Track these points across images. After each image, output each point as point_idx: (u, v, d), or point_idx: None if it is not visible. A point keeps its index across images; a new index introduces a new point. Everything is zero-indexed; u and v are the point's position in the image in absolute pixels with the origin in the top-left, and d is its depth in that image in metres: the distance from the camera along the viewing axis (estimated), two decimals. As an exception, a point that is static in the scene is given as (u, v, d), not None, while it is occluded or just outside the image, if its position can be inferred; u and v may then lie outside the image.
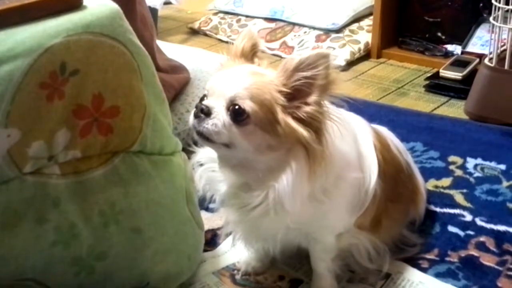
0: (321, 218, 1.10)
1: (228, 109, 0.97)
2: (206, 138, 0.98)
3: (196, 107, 0.98)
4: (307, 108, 0.97)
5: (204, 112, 0.97)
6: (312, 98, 0.97)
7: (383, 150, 1.21)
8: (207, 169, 1.09)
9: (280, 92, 0.98)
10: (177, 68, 1.92)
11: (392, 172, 1.22)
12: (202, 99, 1.02)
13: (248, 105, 0.96)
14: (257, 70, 1.03)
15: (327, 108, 0.99)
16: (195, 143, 1.10)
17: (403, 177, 1.28)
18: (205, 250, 1.30)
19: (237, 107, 0.96)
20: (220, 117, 0.97)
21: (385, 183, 1.17)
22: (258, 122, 0.97)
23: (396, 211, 1.26)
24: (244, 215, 1.05)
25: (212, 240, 1.37)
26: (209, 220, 1.38)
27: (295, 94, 0.98)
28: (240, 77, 0.99)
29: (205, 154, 1.10)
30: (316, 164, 0.99)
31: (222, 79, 1.01)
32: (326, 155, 0.99)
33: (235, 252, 1.32)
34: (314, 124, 0.98)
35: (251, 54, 1.07)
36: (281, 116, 0.97)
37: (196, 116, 0.98)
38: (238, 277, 1.28)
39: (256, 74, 1.01)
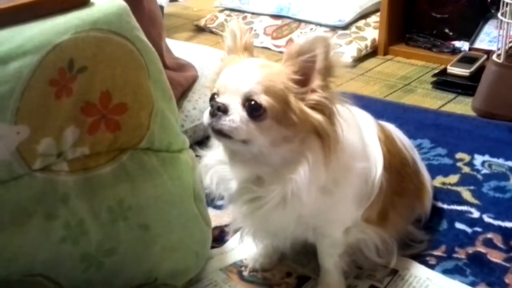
0: (330, 211, 1.10)
1: (243, 105, 0.97)
2: (224, 135, 0.98)
3: (212, 105, 0.97)
4: (315, 96, 0.98)
5: (221, 110, 0.96)
6: (316, 83, 0.98)
7: (388, 143, 1.21)
8: (216, 171, 1.09)
9: (291, 79, 0.98)
10: (184, 66, 1.93)
11: (397, 165, 1.23)
12: (212, 97, 1.01)
13: (264, 99, 0.96)
14: (264, 63, 1.03)
15: (333, 92, 0.99)
16: (202, 142, 1.10)
17: (409, 171, 1.29)
18: (212, 247, 1.30)
19: (253, 102, 0.96)
20: (237, 114, 0.96)
21: (390, 176, 1.17)
22: (274, 115, 0.97)
23: (402, 205, 1.26)
24: (254, 209, 1.05)
25: (219, 237, 1.38)
26: (216, 217, 1.38)
27: (304, 80, 0.98)
28: (251, 72, 0.99)
29: (213, 157, 1.10)
30: (331, 151, 0.99)
31: (232, 75, 1.00)
32: (340, 140, 1.00)
33: (242, 249, 1.32)
34: (325, 110, 0.98)
35: (252, 47, 1.07)
36: (295, 104, 0.97)
37: (212, 114, 0.97)
38: (245, 273, 1.28)
39: (265, 66, 1.01)
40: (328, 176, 1.02)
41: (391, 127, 1.35)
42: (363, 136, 1.13)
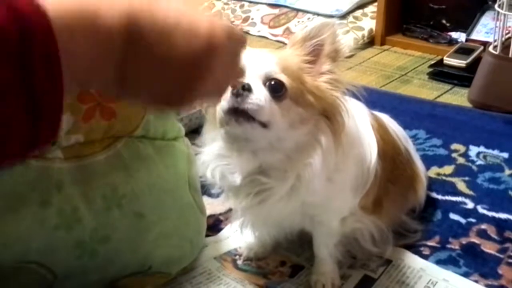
0: (330, 199, 1.10)
1: (265, 85, 0.95)
2: (248, 118, 0.93)
3: (233, 86, 0.92)
4: (323, 78, 0.99)
5: (245, 89, 0.92)
6: (325, 66, 1.00)
7: (381, 131, 1.21)
8: (217, 166, 1.07)
9: (303, 60, 0.99)
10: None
11: (391, 153, 1.23)
12: None
13: (284, 78, 0.95)
14: (269, 50, 1.04)
15: (340, 75, 1.01)
16: (197, 130, 1.09)
17: (402, 160, 1.29)
18: (207, 235, 1.30)
19: (273, 82, 0.95)
20: (261, 93, 0.94)
21: (385, 163, 1.17)
22: (293, 95, 0.96)
23: (396, 194, 1.26)
24: (258, 202, 1.04)
25: (214, 225, 1.38)
26: (211, 206, 1.38)
27: (313, 62, 1.00)
28: (266, 54, 0.99)
29: (210, 152, 1.07)
30: (340, 134, 1.01)
31: (247, 58, 0.95)
32: (346, 124, 1.01)
33: (237, 238, 1.32)
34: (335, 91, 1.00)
35: None
36: (311, 83, 0.98)
37: (237, 94, 0.92)
38: (239, 262, 1.28)
39: (273, 51, 1.02)
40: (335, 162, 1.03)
41: (384, 117, 1.35)
42: (356, 123, 1.13)
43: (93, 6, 0.56)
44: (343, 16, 2.65)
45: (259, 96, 0.93)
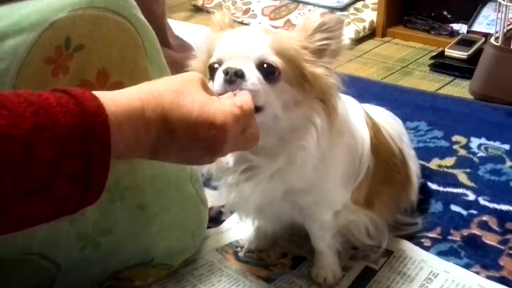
0: (319, 190, 1.09)
1: (258, 69, 0.93)
2: None
3: (226, 72, 0.90)
4: (320, 69, 0.98)
5: (238, 76, 0.90)
6: (325, 59, 0.98)
7: (375, 131, 1.20)
8: None
9: (305, 48, 0.97)
10: (184, 47, 1.92)
11: (384, 154, 1.21)
12: (212, 67, 0.96)
13: (278, 61, 0.93)
14: (266, 28, 1.02)
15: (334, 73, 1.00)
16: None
17: (396, 162, 1.27)
18: (208, 227, 1.31)
19: (266, 65, 0.93)
20: (255, 77, 0.91)
21: (377, 162, 1.16)
22: (287, 78, 0.95)
23: (389, 197, 1.24)
24: (242, 180, 1.03)
25: (216, 217, 1.38)
26: (213, 198, 1.38)
27: (316, 54, 0.98)
28: (258, 36, 0.96)
29: None
30: (333, 117, 1.00)
31: (237, 41, 0.96)
32: (338, 109, 1.01)
33: (238, 229, 1.33)
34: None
35: (234, 25, 1.05)
36: (309, 69, 0.96)
37: (230, 81, 0.90)
38: (241, 254, 1.28)
39: (269, 31, 0.99)
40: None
41: (381, 114, 1.34)
42: (348, 115, 1.11)
43: (138, 105, 0.74)
44: (344, 8, 2.65)
45: (253, 80, 0.91)
